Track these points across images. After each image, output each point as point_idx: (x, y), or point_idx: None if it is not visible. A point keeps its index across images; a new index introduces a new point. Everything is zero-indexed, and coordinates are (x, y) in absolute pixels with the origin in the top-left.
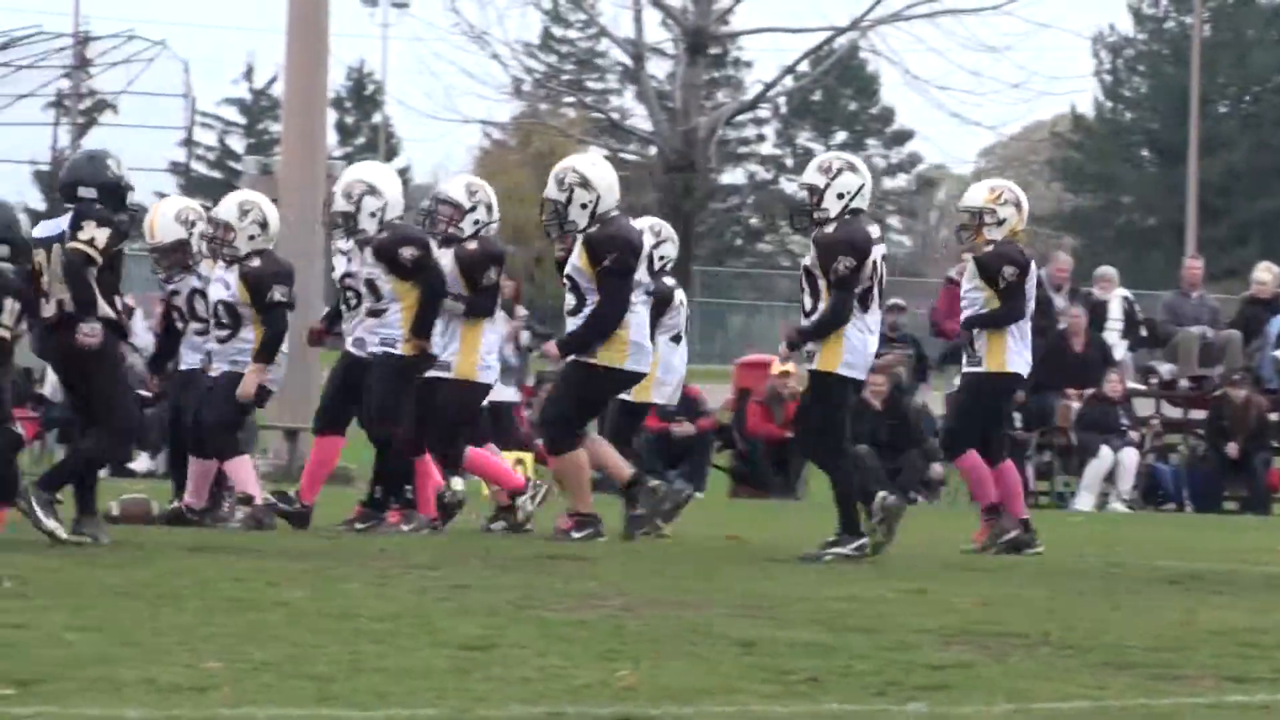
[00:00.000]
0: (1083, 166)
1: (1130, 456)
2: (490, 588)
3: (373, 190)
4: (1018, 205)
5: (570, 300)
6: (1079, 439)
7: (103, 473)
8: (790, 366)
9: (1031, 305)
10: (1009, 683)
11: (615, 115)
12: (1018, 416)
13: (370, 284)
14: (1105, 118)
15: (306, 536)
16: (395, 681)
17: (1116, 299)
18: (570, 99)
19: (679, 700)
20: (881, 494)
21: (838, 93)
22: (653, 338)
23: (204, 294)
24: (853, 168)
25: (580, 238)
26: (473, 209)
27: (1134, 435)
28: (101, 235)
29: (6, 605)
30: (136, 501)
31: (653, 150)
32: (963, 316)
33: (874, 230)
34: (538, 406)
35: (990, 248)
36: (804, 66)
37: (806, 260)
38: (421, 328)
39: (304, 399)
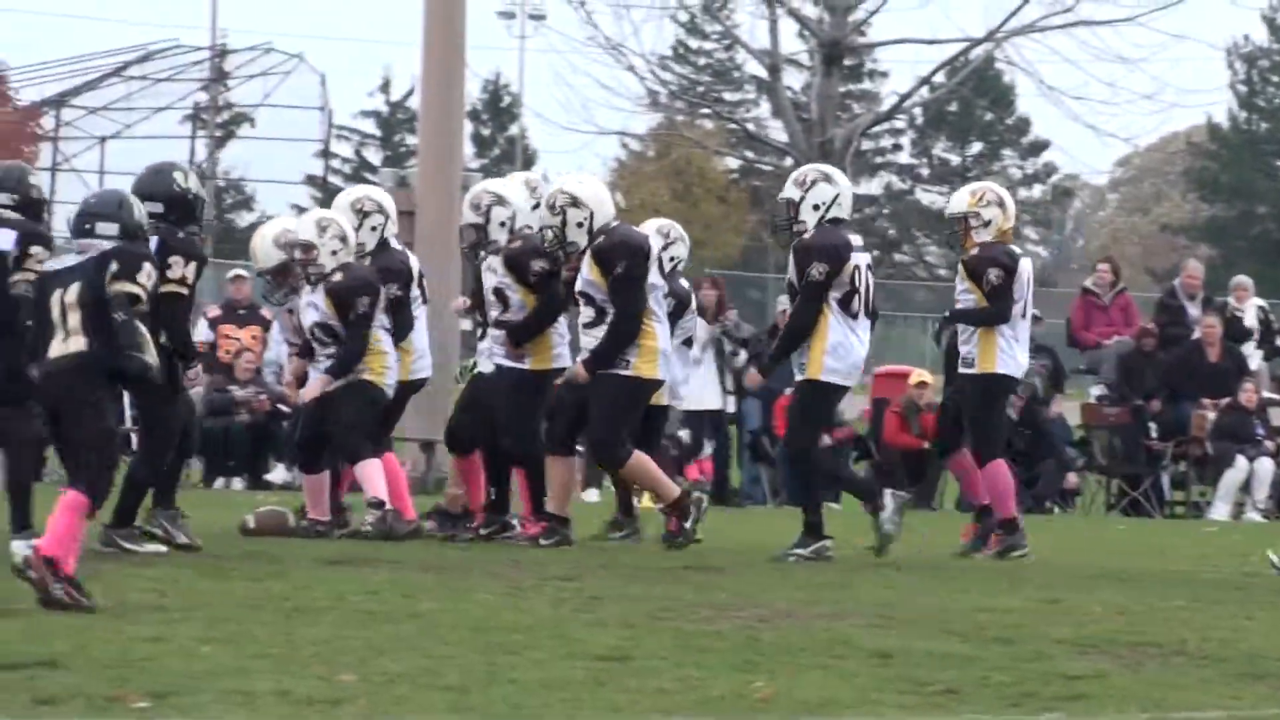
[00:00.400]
0: (1218, 177)
1: (1266, 466)
2: (625, 599)
3: (500, 200)
4: (1001, 205)
5: (588, 313)
6: (1214, 449)
7: (239, 484)
8: (927, 376)
9: (1020, 306)
10: (1144, 692)
11: (751, 126)
12: (1153, 427)
13: (499, 293)
14: (1240, 128)
15: (443, 547)
16: (530, 693)
17: (1252, 308)
18: (706, 110)
19: (815, 712)
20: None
21: (973, 103)
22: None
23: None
24: (828, 178)
25: (588, 252)
26: (535, 206)
27: (1269, 445)
28: (190, 270)
29: (143, 618)
30: (273, 513)
31: (788, 161)
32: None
33: (855, 239)
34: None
35: (978, 251)
36: (940, 77)
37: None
38: (523, 335)
39: (440, 410)
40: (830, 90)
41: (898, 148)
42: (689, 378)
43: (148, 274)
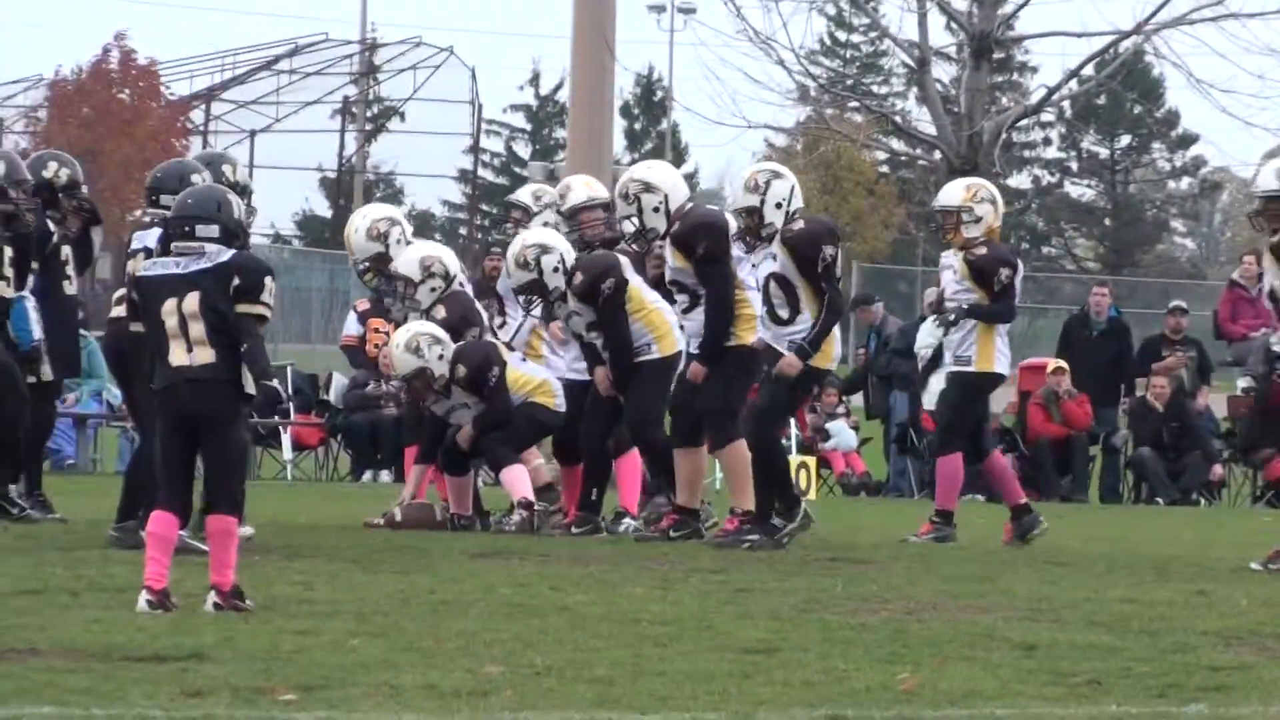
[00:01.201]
0: None
1: None
2: (772, 591)
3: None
4: (994, 202)
5: (682, 300)
6: None
7: (386, 477)
8: (1063, 363)
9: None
10: None
11: (899, 119)
12: None
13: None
14: None
15: (589, 542)
16: (676, 685)
17: None
18: (855, 104)
19: (958, 703)
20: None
21: (1122, 96)
22: None
23: None
24: (778, 174)
25: (669, 239)
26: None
27: None
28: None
29: (292, 611)
30: (421, 506)
31: (937, 154)
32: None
33: None
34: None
35: (984, 250)
36: (1089, 70)
37: (774, 268)
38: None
39: None
40: (979, 83)
41: (1047, 141)
42: None
43: (269, 290)
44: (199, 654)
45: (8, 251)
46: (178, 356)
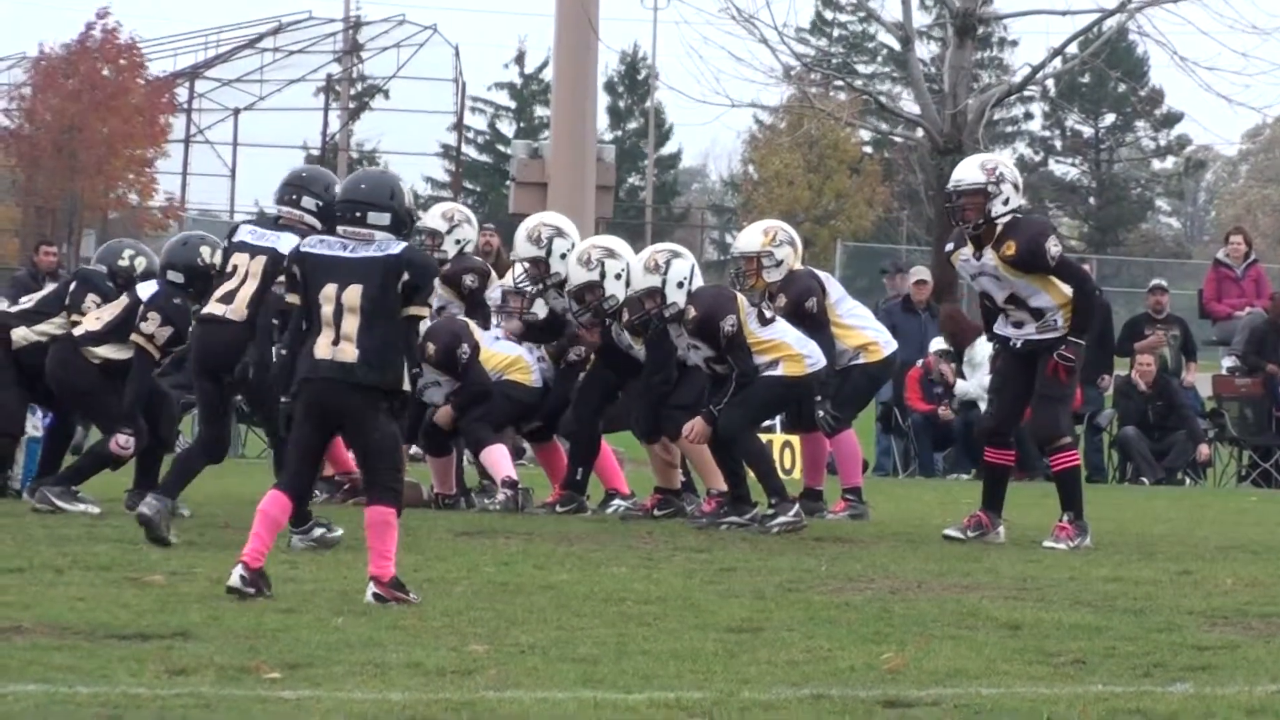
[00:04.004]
0: None
1: None
2: (756, 570)
3: (559, 233)
4: (792, 244)
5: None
6: None
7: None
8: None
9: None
10: (1274, 663)
11: (883, 98)
12: None
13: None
14: None
15: (573, 521)
16: (661, 664)
17: None
18: (839, 83)
19: (944, 682)
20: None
21: (1106, 74)
22: None
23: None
24: (676, 254)
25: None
26: (450, 231)
27: None
28: (164, 333)
29: (277, 591)
30: (408, 485)
31: (920, 133)
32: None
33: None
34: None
35: (778, 285)
36: (1073, 48)
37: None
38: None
39: None
40: (962, 61)
41: (1029, 117)
42: None
43: (435, 294)
44: (184, 632)
45: None
46: (323, 347)
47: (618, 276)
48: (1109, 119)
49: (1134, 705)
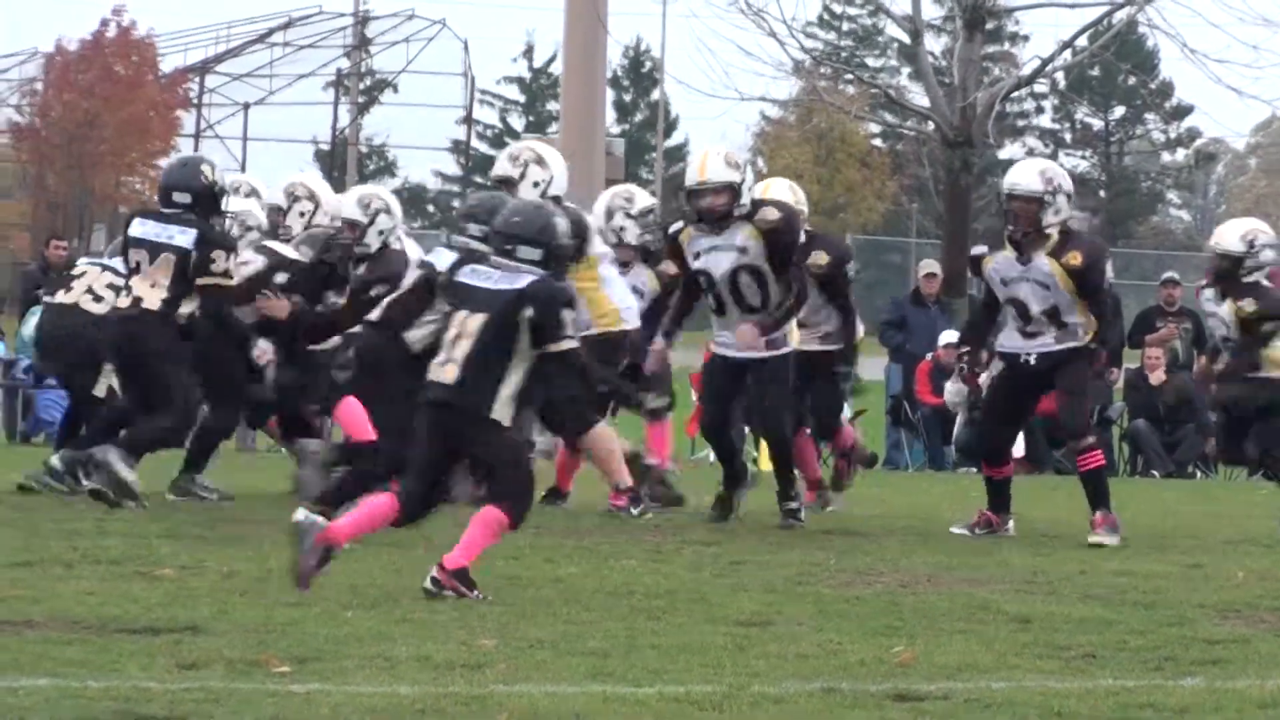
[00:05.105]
0: None
1: None
2: (766, 564)
3: (541, 161)
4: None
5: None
6: None
7: None
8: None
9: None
10: None
11: (893, 91)
12: None
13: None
14: None
15: (582, 514)
16: (670, 658)
17: None
18: (849, 76)
19: (954, 676)
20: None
21: (1116, 67)
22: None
23: None
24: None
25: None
26: (372, 221)
27: None
28: (231, 263)
29: (286, 585)
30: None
31: (930, 126)
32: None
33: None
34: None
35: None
36: (1082, 41)
37: (746, 260)
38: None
39: None
40: (971, 54)
41: (1040, 110)
42: None
43: (572, 320)
44: (194, 626)
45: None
46: (434, 368)
47: (535, 185)
48: (1119, 112)
49: (1145, 699)
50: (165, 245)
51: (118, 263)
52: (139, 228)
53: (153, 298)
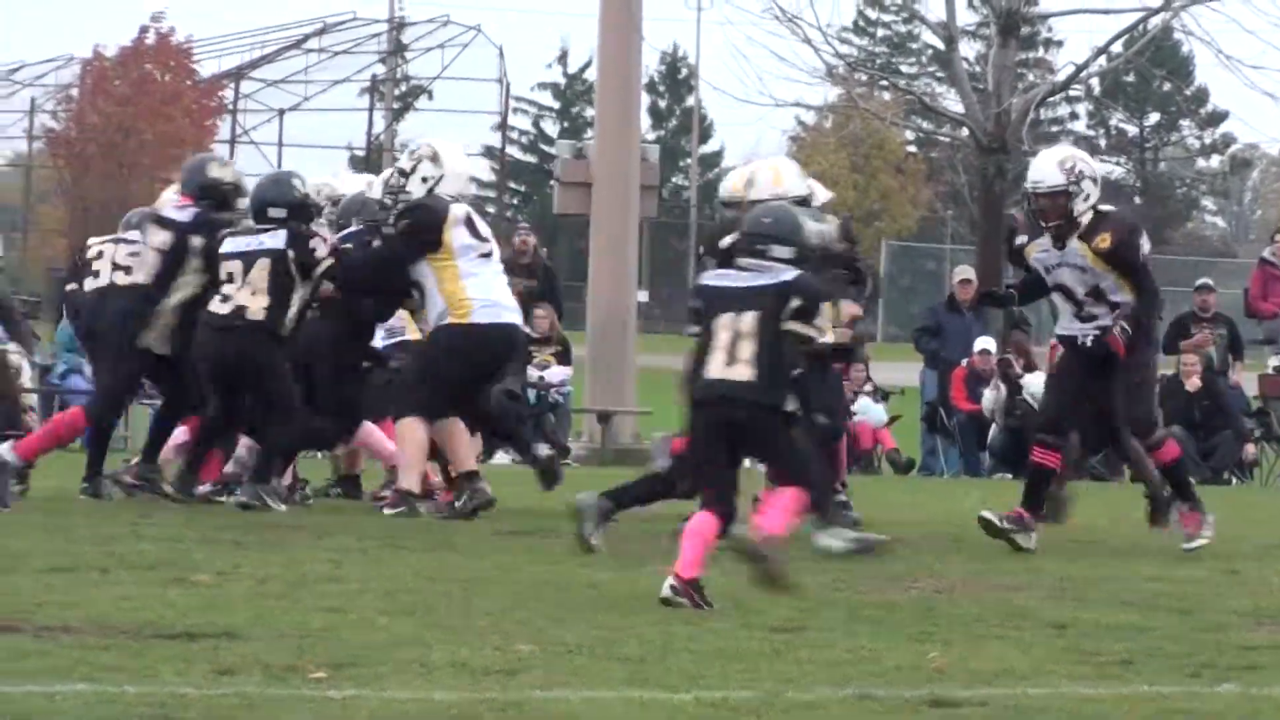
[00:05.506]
0: None
1: None
2: (801, 570)
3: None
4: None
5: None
6: None
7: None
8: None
9: None
10: None
11: (927, 98)
12: None
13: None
14: None
15: (619, 520)
16: (706, 663)
17: None
18: (884, 82)
19: (989, 682)
20: None
21: (1151, 73)
22: None
23: None
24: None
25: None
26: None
27: None
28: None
29: (322, 590)
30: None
31: (965, 132)
32: None
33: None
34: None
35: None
36: (1117, 47)
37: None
38: None
39: (618, 382)
40: (1006, 60)
41: (1074, 116)
42: None
43: (825, 316)
44: (230, 632)
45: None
46: (715, 368)
47: (424, 180)
48: (1153, 118)
49: (1181, 706)
50: (258, 251)
51: (133, 234)
52: (230, 244)
53: (256, 305)
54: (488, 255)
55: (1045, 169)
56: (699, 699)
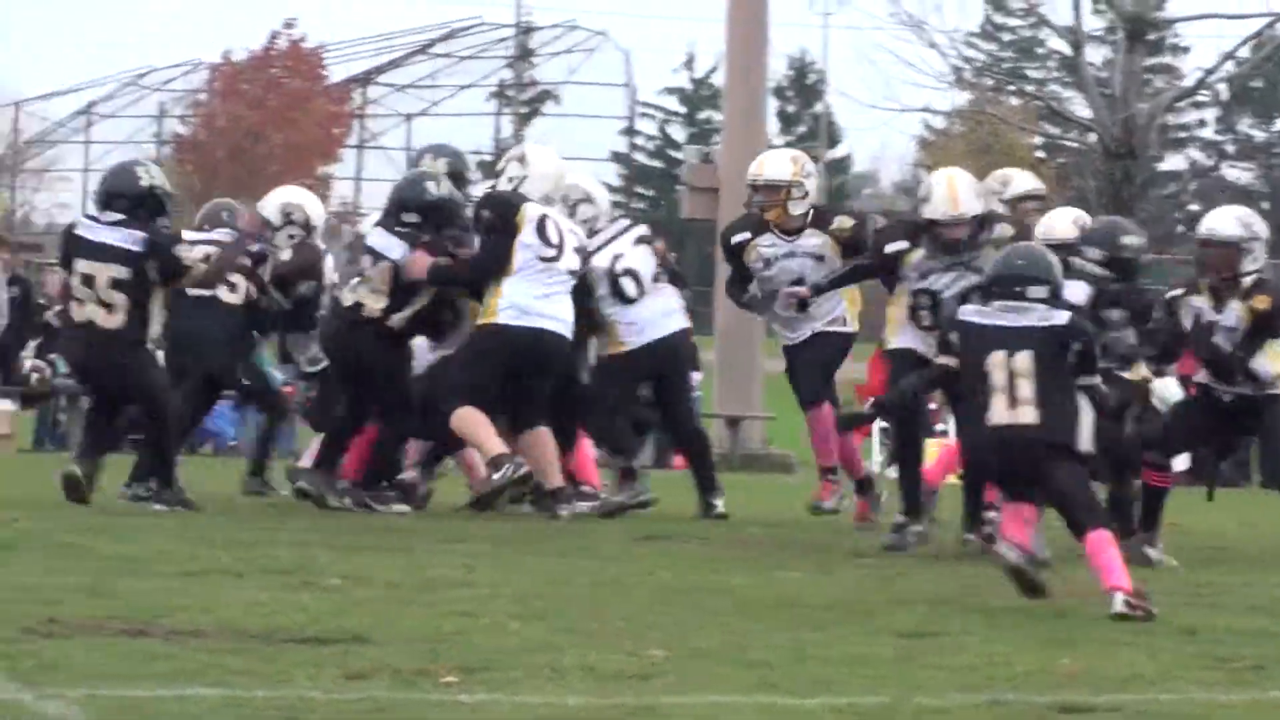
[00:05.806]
0: None
1: None
2: (932, 576)
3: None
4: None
5: None
6: None
7: None
8: None
9: None
10: None
11: (1055, 103)
12: None
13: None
14: None
15: (747, 524)
16: (836, 669)
17: None
18: (1011, 87)
19: (1120, 688)
20: None
21: (1279, 79)
22: None
23: None
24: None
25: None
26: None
27: None
28: None
29: (452, 594)
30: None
31: (1092, 137)
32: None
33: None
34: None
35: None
36: (1244, 52)
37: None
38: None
39: (746, 386)
40: (1133, 66)
41: (1202, 123)
42: None
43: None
44: (360, 636)
45: None
46: (999, 412)
47: (510, 180)
48: None
49: None
50: (385, 256)
51: (219, 233)
52: (375, 238)
53: (373, 303)
54: (550, 261)
55: (1223, 219)
56: (827, 705)
